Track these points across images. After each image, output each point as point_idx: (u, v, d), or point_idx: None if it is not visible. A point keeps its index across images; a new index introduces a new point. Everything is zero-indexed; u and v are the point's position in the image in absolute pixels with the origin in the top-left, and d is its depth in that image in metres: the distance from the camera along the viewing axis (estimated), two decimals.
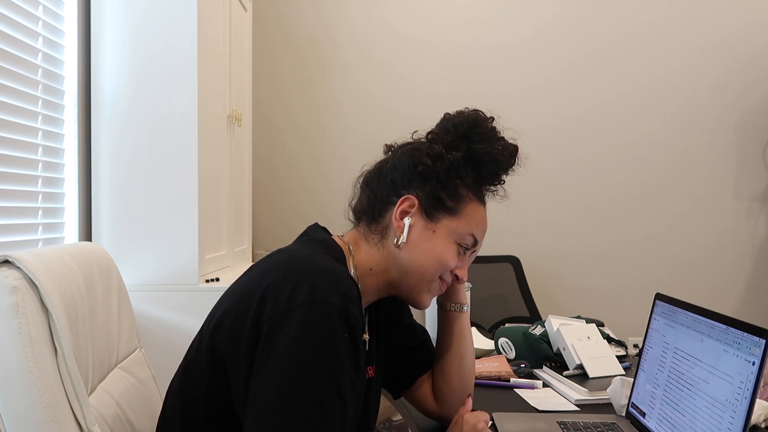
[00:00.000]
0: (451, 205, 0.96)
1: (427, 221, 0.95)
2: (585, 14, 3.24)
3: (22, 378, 0.73)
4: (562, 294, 3.26)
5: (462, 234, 0.96)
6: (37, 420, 0.73)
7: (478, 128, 0.98)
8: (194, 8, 1.73)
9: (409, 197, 0.95)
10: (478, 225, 0.99)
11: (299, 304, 0.77)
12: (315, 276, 0.80)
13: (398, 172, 0.97)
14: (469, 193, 0.98)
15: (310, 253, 0.88)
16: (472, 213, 0.98)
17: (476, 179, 0.99)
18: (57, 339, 0.78)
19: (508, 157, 1.00)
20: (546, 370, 1.44)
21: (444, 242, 0.95)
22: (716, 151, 3.30)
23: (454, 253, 0.96)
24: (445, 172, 0.96)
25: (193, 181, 1.74)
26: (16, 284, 0.75)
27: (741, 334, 0.86)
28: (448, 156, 0.96)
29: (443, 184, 0.96)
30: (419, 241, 0.94)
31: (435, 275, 0.96)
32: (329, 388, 0.75)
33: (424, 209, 0.95)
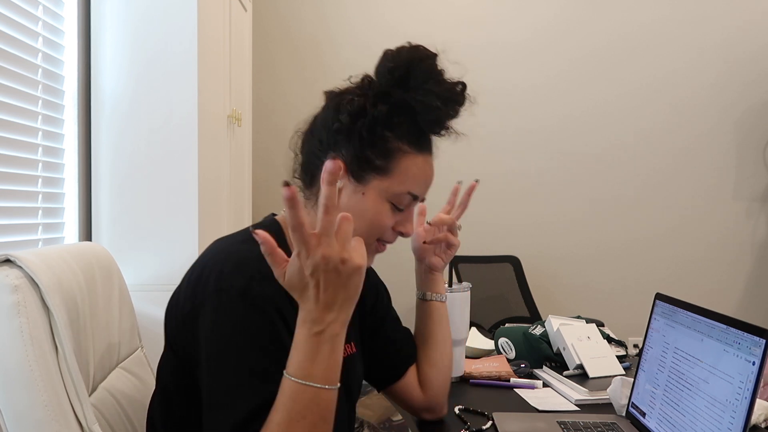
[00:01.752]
0: (380, 163, 0.88)
1: (356, 183, 0.88)
2: (585, 14, 3.24)
3: (22, 377, 0.73)
4: (562, 294, 3.26)
5: (394, 193, 0.89)
6: (38, 419, 0.74)
7: (415, 71, 0.88)
8: (194, 8, 1.73)
9: (334, 158, 0.88)
10: (415, 180, 0.90)
11: (209, 294, 0.79)
12: (222, 263, 0.81)
13: (324, 131, 0.90)
14: (403, 145, 0.89)
15: (228, 241, 0.88)
16: (406, 168, 0.89)
17: (413, 128, 0.90)
18: (58, 338, 0.78)
19: (448, 101, 0.89)
20: (546, 370, 1.44)
21: (375, 204, 0.88)
22: (716, 151, 3.30)
23: (387, 213, 0.89)
24: (368, 130, 0.87)
25: (193, 181, 1.74)
26: (17, 283, 0.75)
27: (741, 334, 0.86)
28: (371, 111, 0.87)
29: (367, 142, 0.87)
30: (349, 204, 0.88)
31: (371, 239, 0.90)
32: (243, 372, 0.76)
33: (351, 171, 0.88)
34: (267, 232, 0.86)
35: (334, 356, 0.73)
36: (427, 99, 0.88)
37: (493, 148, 3.25)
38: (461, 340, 1.38)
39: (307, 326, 0.72)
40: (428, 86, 0.88)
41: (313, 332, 0.71)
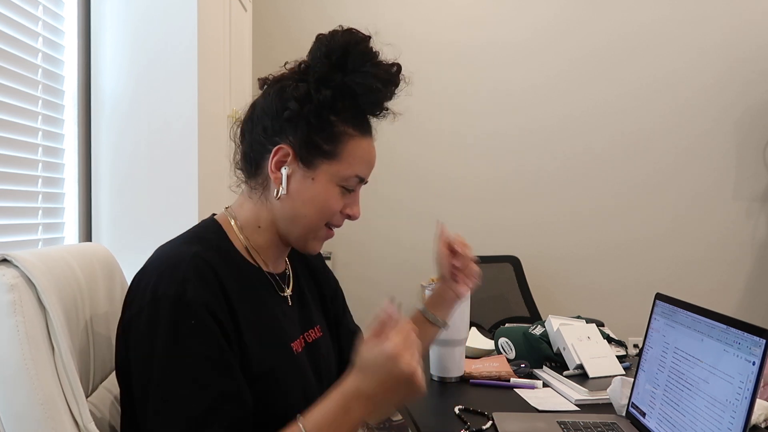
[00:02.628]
0: (328, 148, 0.88)
1: (305, 169, 0.89)
2: (585, 14, 3.24)
3: (19, 375, 0.73)
4: (562, 294, 3.26)
5: (343, 177, 0.90)
6: (34, 417, 0.74)
7: (351, 55, 0.88)
8: (194, 8, 1.73)
9: (282, 146, 0.88)
10: (361, 163, 0.91)
11: (146, 303, 0.80)
12: (158, 270, 0.82)
13: (268, 118, 0.90)
14: (348, 128, 0.89)
15: (164, 249, 0.89)
16: (353, 152, 0.90)
17: (355, 111, 0.91)
18: (54, 337, 0.78)
19: (386, 83, 0.90)
20: (546, 370, 1.44)
21: (325, 188, 0.89)
22: (716, 151, 3.30)
23: (337, 197, 0.91)
24: (315, 116, 0.88)
25: (193, 181, 1.74)
26: (13, 282, 0.75)
27: (741, 334, 0.86)
28: (316, 96, 0.87)
29: (316, 127, 0.88)
30: (299, 190, 0.89)
31: (321, 223, 0.92)
32: (180, 381, 0.76)
33: (300, 157, 0.89)
34: (209, 235, 0.90)
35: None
36: (367, 81, 0.88)
37: (493, 148, 3.25)
38: (461, 340, 1.38)
39: (347, 397, 0.77)
40: (366, 69, 0.88)
41: (347, 406, 0.77)
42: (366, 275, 3.18)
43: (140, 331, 0.79)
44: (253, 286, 0.90)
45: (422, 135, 3.19)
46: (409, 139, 3.14)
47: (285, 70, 0.94)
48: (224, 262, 0.86)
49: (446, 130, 3.22)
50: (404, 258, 3.20)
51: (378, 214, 3.10)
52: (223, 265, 0.85)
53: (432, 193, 3.22)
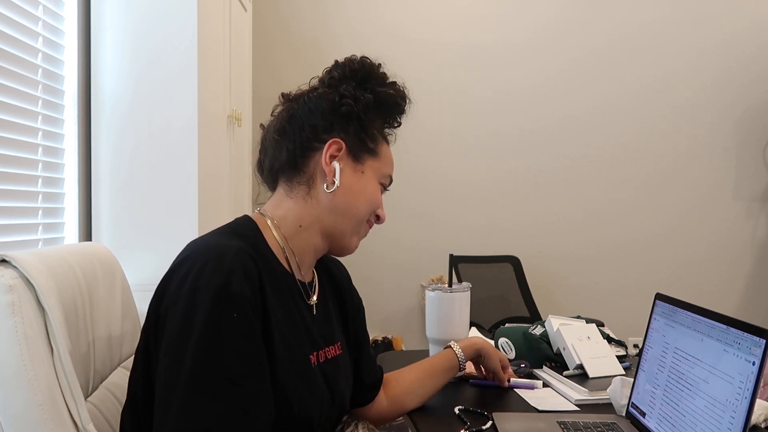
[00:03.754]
0: (372, 146, 0.97)
1: (355, 163, 0.96)
2: (585, 14, 3.24)
3: (17, 376, 0.73)
4: (562, 294, 3.26)
5: (384, 174, 0.99)
6: (33, 418, 0.73)
7: (373, 74, 0.99)
8: (194, 8, 1.73)
9: (336, 140, 0.94)
10: (391, 165, 1.02)
11: (184, 292, 0.77)
12: (201, 260, 0.80)
13: (317, 116, 0.95)
14: (380, 134, 1.00)
15: (206, 239, 0.87)
16: (386, 153, 1.00)
17: (382, 123, 1.01)
18: (53, 338, 0.78)
19: (403, 99, 1.01)
20: (546, 370, 1.44)
21: (372, 182, 0.97)
22: (716, 151, 3.30)
23: (379, 192, 1.00)
24: (364, 113, 0.96)
25: (193, 181, 1.74)
26: (12, 283, 0.75)
27: (741, 334, 0.86)
28: (362, 98, 0.96)
29: (363, 125, 0.96)
30: (351, 183, 0.95)
31: (367, 216, 0.98)
32: (214, 376, 0.75)
33: (351, 151, 0.95)
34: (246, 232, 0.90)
35: None
36: (391, 96, 0.98)
37: (493, 148, 3.25)
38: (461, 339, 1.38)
39: None
40: (386, 87, 0.99)
41: None
42: (366, 275, 3.18)
43: (175, 323, 0.77)
44: (285, 290, 0.90)
45: (422, 135, 3.19)
46: (409, 140, 3.14)
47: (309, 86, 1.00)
48: (261, 260, 0.85)
49: (446, 130, 3.22)
50: (405, 258, 3.21)
51: None
52: (261, 263, 0.84)
53: (432, 193, 3.22)
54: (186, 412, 0.73)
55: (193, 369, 0.74)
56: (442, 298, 1.34)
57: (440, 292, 1.35)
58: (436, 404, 1.22)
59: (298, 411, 0.86)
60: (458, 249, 3.04)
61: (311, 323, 0.94)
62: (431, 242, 3.20)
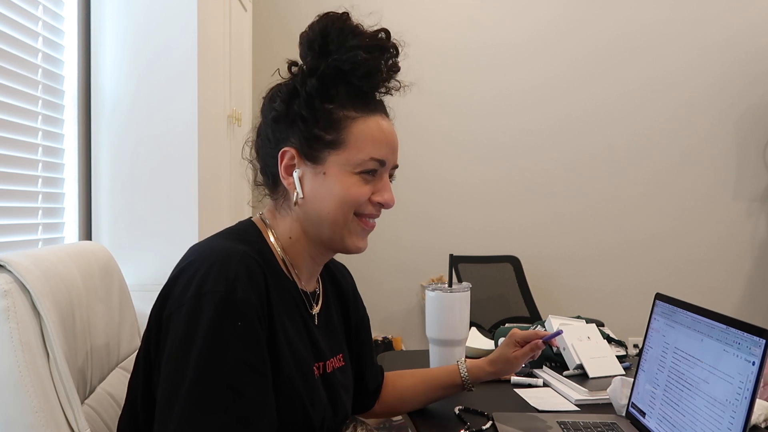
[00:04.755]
0: (331, 137, 0.85)
1: (314, 165, 0.86)
2: (585, 15, 3.24)
3: (13, 382, 0.72)
4: (562, 294, 3.26)
5: (357, 162, 0.85)
6: (29, 424, 0.73)
7: (330, 35, 0.86)
8: (194, 8, 1.73)
9: (285, 150, 0.86)
10: (372, 143, 0.86)
11: (188, 298, 0.75)
12: (206, 265, 0.77)
13: (268, 127, 0.89)
14: (348, 112, 0.86)
15: (210, 243, 0.85)
16: (359, 134, 0.86)
17: (352, 93, 0.86)
18: (49, 343, 0.77)
19: (372, 49, 0.85)
20: (546, 370, 1.44)
21: (340, 179, 0.85)
22: (716, 151, 3.30)
23: (356, 185, 0.86)
24: (307, 108, 0.85)
25: (193, 181, 1.74)
26: (6, 288, 0.74)
27: (741, 334, 0.86)
28: (302, 89, 0.85)
29: (311, 120, 0.85)
30: (314, 188, 0.86)
31: (347, 216, 0.87)
32: (216, 384, 0.73)
33: (304, 155, 0.86)
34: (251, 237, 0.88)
35: None
36: (352, 55, 0.84)
37: (493, 148, 3.25)
38: (461, 340, 1.38)
39: None
40: (348, 43, 0.85)
41: None
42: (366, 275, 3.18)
43: (178, 329, 0.75)
44: (288, 298, 0.88)
45: (423, 135, 3.19)
46: (409, 140, 3.14)
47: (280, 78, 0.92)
48: (267, 267, 0.83)
49: (446, 131, 3.22)
50: (405, 258, 3.20)
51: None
52: (268, 270, 0.82)
53: (432, 193, 3.22)
54: (188, 422, 0.72)
55: (195, 377, 0.72)
56: (442, 298, 1.34)
57: (440, 292, 1.35)
58: (436, 404, 1.22)
59: (300, 420, 0.84)
60: (458, 249, 3.03)
61: (313, 333, 0.92)
62: (431, 242, 3.20)
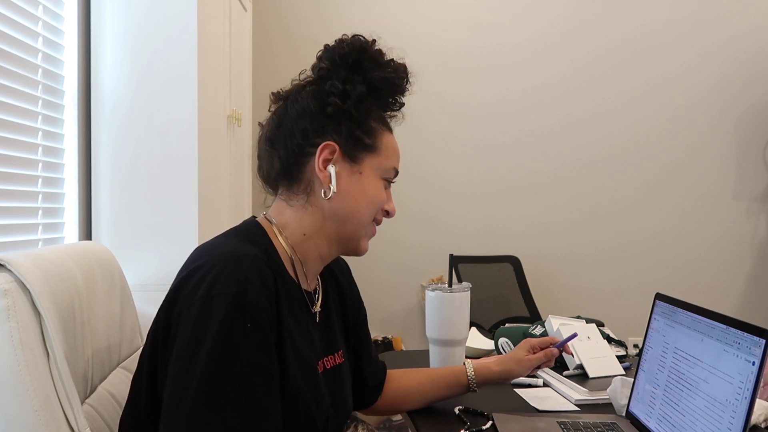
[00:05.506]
0: (369, 142, 0.91)
1: (352, 164, 0.90)
2: (585, 15, 3.24)
3: (13, 381, 0.72)
4: (562, 294, 3.26)
5: (386, 169, 0.93)
6: (29, 423, 0.73)
7: (366, 55, 0.92)
8: (194, 8, 1.73)
9: (328, 144, 0.88)
10: (395, 156, 0.96)
11: (198, 299, 0.76)
12: (216, 268, 0.78)
13: (307, 119, 0.90)
14: (379, 125, 0.94)
15: (219, 244, 0.85)
16: (387, 145, 0.94)
17: (379, 108, 0.95)
18: (49, 342, 0.77)
19: (401, 76, 0.95)
20: (546, 370, 1.44)
21: (372, 181, 0.92)
22: (716, 151, 3.30)
23: (382, 190, 0.94)
24: (355, 109, 0.90)
25: (193, 181, 1.74)
26: (7, 287, 0.74)
27: (741, 334, 0.86)
28: (353, 92, 0.89)
29: (357, 121, 0.90)
30: (349, 186, 0.90)
31: (371, 217, 0.93)
32: (225, 385, 0.73)
33: (346, 153, 0.90)
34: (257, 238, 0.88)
35: None
36: (388, 77, 0.92)
37: (493, 148, 3.25)
38: (461, 340, 1.38)
39: None
40: (385, 66, 0.93)
41: None
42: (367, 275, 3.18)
43: (187, 330, 0.75)
44: (294, 298, 0.88)
45: (423, 135, 3.19)
46: (409, 140, 3.13)
47: (299, 81, 0.95)
48: (275, 268, 0.84)
49: (447, 131, 3.22)
50: (405, 258, 3.20)
51: None
52: (275, 271, 0.82)
53: (432, 193, 3.22)
54: (195, 421, 0.72)
55: (204, 377, 0.72)
56: (442, 298, 1.34)
57: (440, 292, 1.35)
58: (436, 404, 1.22)
59: (304, 420, 0.84)
60: (458, 249, 3.03)
61: (315, 332, 0.93)
62: (431, 242, 3.20)
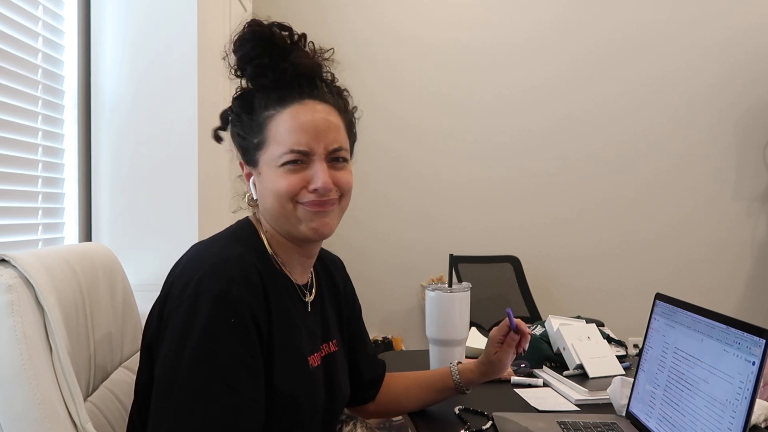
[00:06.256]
0: (257, 140, 0.91)
1: (254, 169, 0.94)
2: (585, 15, 3.24)
3: (16, 376, 0.73)
4: (562, 294, 3.26)
5: (279, 156, 0.89)
6: (32, 417, 0.74)
7: (236, 52, 0.93)
8: (194, 8, 1.73)
9: (240, 162, 0.97)
10: (289, 135, 0.88)
11: (187, 296, 0.79)
12: (204, 267, 0.82)
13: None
14: (267, 112, 0.91)
15: (209, 243, 0.90)
16: (276, 130, 0.89)
17: (264, 93, 0.92)
18: (52, 338, 0.78)
19: (256, 45, 0.91)
20: (546, 370, 1.44)
21: (270, 175, 0.91)
22: (716, 151, 3.30)
23: (283, 177, 0.89)
24: (237, 124, 0.94)
25: (193, 181, 1.74)
26: (11, 283, 0.75)
27: (741, 334, 0.86)
28: (235, 111, 0.95)
29: (242, 132, 0.94)
30: (259, 189, 0.94)
31: (284, 207, 0.90)
32: (209, 376, 0.76)
33: (247, 162, 0.95)
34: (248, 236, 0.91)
35: None
36: (245, 58, 0.92)
37: (493, 148, 3.25)
38: (461, 340, 1.38)
39: None
40: (243, 49, 0.92)
41: None
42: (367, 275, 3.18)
43: (176, 327, 0.78)
44: (284, 292, 0.91)
45: (422, 136, 3.18)
46: (409, 141, 3.14)
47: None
48: (263, 265, 0.87)
49: (446, 131, 3.22)
50: (405, 258, 3.20)
51: (379, 215, 3.10)
52: (263, 269, 0.86)
53: (432, 193, 3.22)
54: (181, 412, 0.74)
55: (190, 369, 0.75)
56: (442, 298, 1.34)
57: (440, 292, 1.35)
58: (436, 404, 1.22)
59: (300, 412, 0.87)
60: (458, 249, 3.03)
61: (307, 322, 0.95)
62: (431, 242, 3.20)
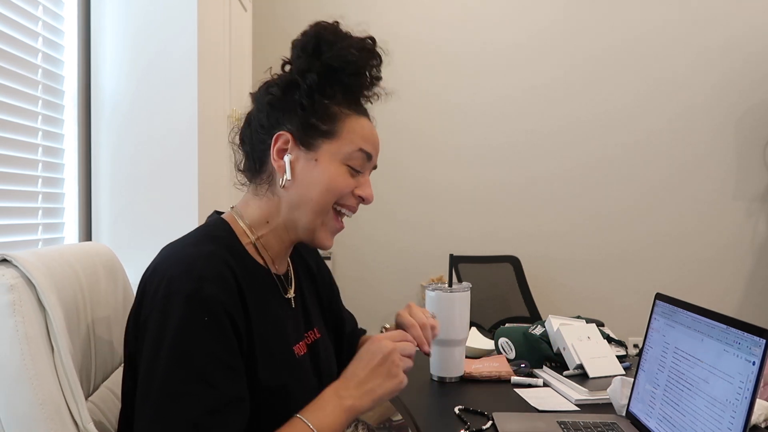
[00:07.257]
0: (327, 128, 0.90)
1: (307, 151, 0.90)
2: (587, 18, 3.24)
3: (18, 376, 0.73)
4: (562, 294, 3.26)
5: (347, 153, 0.91)
6: (34, 417, 0.74)
7: (323, 38, 0.93)
8: (194, 8, 1.73)
9: (281, 134, 0.90)
10: (363, 139, 0.92)
11: (159, 299, 0.79)
12: (174, 267, 0.81)
13: (263, 113, 0.93)
14: (342, 109, 0.92)
15: (179, 243, 0.88)
16: (352, 129, 0.91)
17: (345, 91, 0.93)
18: (53, 337, 0.78)
19: (361, 51, 0.92)
20: (546, 370, 1.44)
21: (330, 167, 0.90)
22: (717, 152, 3.30)
23: (344, 175, 0.91)
24: (307, 97, 0.90)
25: (193, 181, 1.74)
26: (13, 282, 0.75)
27: (741, 334, 0.86)
28: (303, 82, 0.91)
29: (310, 110, 0.90)
30: (304, 173, 0.90)
31: (328, 204, 0.91)
32: (186, 377, 0.76)
33: (300, 140, 0.90)
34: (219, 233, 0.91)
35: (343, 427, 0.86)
36: (343, 54, 0.91)
37: (493, 150, 3.25)
38: (461, 340, 1.38)
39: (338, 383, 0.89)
40: (340, 45, 0.92)
41: (338, 393, 0.88)
42: (367, 275, 3.19)
43: (152, 330, 0.78)
44: (262, 288, 0.90)
45: (423, 138, 3.18)
46: (409, 142, 3.14)
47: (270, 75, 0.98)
48: (237, 261, 0.86)
49: (447, 133, 3.22)
50: (405, 258, 3.21)
51: (379, 215, 3.10)
52: (236, 265, 0.85)
53: (432, 194, 3.23)
54: (160, 413, 0.75)
55: (166, 370, 0.76)
56: (442, 298, 1.34)
57: (440, 292, 1.35)
58: (436, 404, 1.22)
59: (292, 401, 0.87)
60: (458, 249, 3.04)
61: (291, 316, 0.95)
62: (431, 242, 3.20)
